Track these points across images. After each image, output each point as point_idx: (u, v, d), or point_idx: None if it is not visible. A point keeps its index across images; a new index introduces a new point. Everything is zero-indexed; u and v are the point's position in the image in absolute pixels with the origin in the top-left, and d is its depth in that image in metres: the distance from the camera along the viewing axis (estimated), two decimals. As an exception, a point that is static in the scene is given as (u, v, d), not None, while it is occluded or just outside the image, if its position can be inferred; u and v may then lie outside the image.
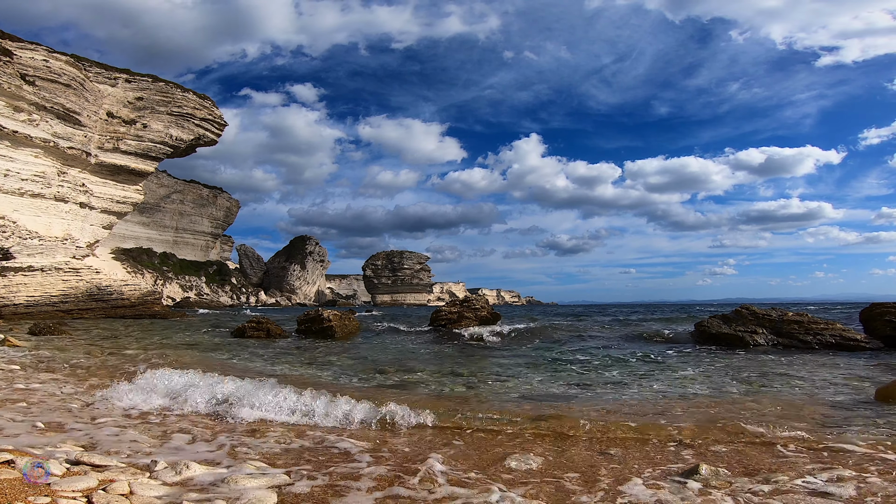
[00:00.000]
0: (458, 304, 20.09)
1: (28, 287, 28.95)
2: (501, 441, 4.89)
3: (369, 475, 3.72)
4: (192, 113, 46.21)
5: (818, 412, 6.13)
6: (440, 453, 4.33)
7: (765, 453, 4.49)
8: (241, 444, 4.48)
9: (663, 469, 4.03)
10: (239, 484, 3.30)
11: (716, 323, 14.52)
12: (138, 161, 42.35)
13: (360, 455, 4.26)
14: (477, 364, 10.78)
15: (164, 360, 10.32)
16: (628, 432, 5.11)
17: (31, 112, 32.05)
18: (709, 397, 7.15)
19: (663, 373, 9.48)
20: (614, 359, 11.56)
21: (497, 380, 8.68)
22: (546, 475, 3.89)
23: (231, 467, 3.75)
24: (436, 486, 3.54)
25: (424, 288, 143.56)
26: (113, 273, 47.59)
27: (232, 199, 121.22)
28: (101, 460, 3.55)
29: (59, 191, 34.56)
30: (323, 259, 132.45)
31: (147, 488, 3.07)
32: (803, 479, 3.72)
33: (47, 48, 34.47)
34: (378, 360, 11.25)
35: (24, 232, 30.81)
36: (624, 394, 7.39)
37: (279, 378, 8.39)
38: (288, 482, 3.46)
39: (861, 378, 8.65)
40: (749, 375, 8.99)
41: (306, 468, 3.84)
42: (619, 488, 3.60)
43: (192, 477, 3.41)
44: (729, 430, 5.14)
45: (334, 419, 5.41)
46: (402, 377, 8.86)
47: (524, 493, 3.47)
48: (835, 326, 13.28)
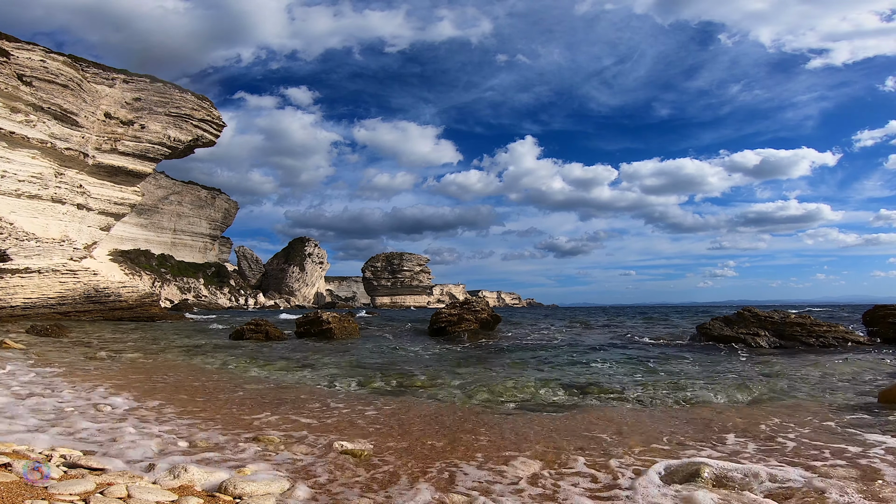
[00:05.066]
0: (458, 307, 20.00)
1: (25, 289, 28.78)
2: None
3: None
4: (190, 114, 46.13)
5: (820, 414, 6.08)
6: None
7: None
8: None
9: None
10: (239, 488, 3.23)
11: (718, 325, 14.48)
12: (136, 162, 42.21)
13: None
14: (476, 368, 10.69)
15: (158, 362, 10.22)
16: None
17: (28, 113, 31.92)
18: (710, 400, 7.10)
19: (663, 377, 9.41)
20: (615, 362, 11.48)
21: (495, 385, 8.60)
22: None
23: (232, 472, 3.67)
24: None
25: (424, 290, 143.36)
26: (111, 275, 47.44)
27: (230, 200, 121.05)
28: (98, 463, 3.49)
29: (56, 192, 34.39)
30: (322, 261, 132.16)
31: (145, 492, 3.00)
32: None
33: (44, 48, 34.35)
34: (377, 364, 11.17)
35: (22, 233, 30.65)
36: (627, 403, 7.17)
37: (274, 384, 8.31)
38: (287, 488, 3.40)
39: (864, 380, 8.60)
40: (750, 378, 8.93)
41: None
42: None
43: (191, 480, 3.34)
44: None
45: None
46: (400, 382, 8.76)
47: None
48: (837, 329, 13.25)
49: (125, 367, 9.94)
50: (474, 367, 10.66)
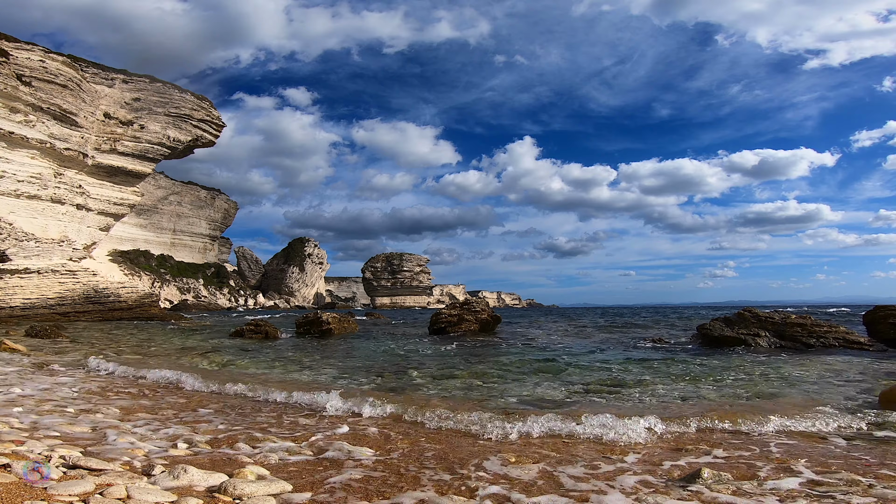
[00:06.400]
0: (458, 307, 19.99)
1: (24, 289, 28.76)
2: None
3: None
4: (189, 114, 46.14)
5: (821, 414, 6.07)
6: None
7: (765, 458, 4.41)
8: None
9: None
10: (238, 489, 3.21)
11: (718, 326, 14.46)
12: (135, 162, 42.21)
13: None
14: (476, 369, 10.68)
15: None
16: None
17: (28, 113, 31.91)
18: (713, 401, 7.09)
19: (663, 377, 9.40)
20: (615, 363, 11.47)
21: (497, 383, 8.59)
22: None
23: (232, 472, 3.65)
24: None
25: (424, 290, 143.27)
26: (110, 275, 47.41)
27: (230, 200, 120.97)
28: (98, 464, 3.47)
29: (55, 192, 34.37)
30: (322, 261, 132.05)
31: (145, 493, 2.99)
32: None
33: (44, 49, 34.34)
34: (376, 364, 11.16)
35: (21, 234, 30.62)
36: (627, 401, 7.21)
37: (275, 383, 8.30)
38: (290, 490, 3.38)
39: (865, 381, 8.59)
40: (752, 378, 8.92)
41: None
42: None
43: (190, 481, 3.32)
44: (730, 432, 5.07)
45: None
46: (399, 382, 8.75)
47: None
48: (838, 329, 13.23)
49: (125, 367, 9.90)
50: (474, 367, 10.64)
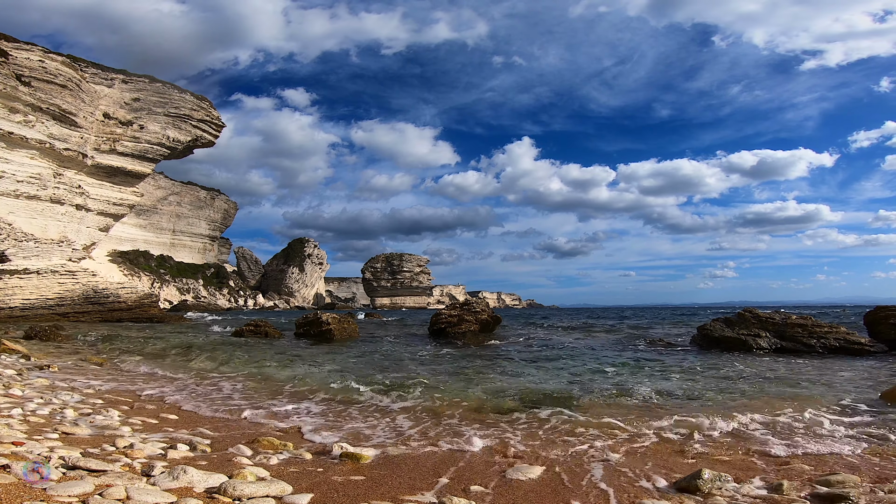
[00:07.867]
0: (458, 307, 19.96)
1: (24, 290, 28.72)
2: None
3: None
4: (189, 114, 46.11)
5: (821, 415, 6.06)
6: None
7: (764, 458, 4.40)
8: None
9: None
10: (238, 490, 3.20)
11: (718, 326, 14.44)
12: (135, 162, 42.17)
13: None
14: (476, 369, 10.66)
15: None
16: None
17: (27, 113, 31.86)
18: (715, 400, 7.08)
19: (663, 377, 9.38)
20: (615, 363, 11.44)
21: (497, 383, 8.57)
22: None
23: (232, 473, 3.63)
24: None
25: (424, 291, 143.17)
26: (109, 276, 47.38)
27: (230, 201, 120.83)
28: (97, 465, 3.45)
29: (54, 193, 34.31)
30: (322, 262, 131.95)
31: (144, 493, 2.97)
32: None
33: (43, 49, 34.30)
34: (376, 365, 11.14)
35: (20, 234, 30.58)
36: (627, 402, 7.19)
37: (274, 384, 8.28)
38: (290, 491, 3.36)
39: (866, 381, 8.58)
40: (752, 378, 8.91)
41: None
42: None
43: (189, 482, 3.31)
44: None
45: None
46: (399, 383, 8.72)
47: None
48: (839, 330, 13.21)
49: (125, 369, 9.90)
50: (474, 368, 10.63)
